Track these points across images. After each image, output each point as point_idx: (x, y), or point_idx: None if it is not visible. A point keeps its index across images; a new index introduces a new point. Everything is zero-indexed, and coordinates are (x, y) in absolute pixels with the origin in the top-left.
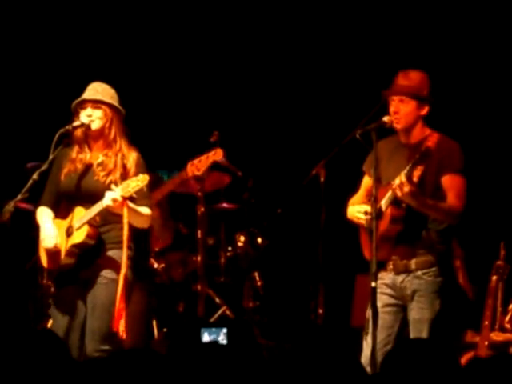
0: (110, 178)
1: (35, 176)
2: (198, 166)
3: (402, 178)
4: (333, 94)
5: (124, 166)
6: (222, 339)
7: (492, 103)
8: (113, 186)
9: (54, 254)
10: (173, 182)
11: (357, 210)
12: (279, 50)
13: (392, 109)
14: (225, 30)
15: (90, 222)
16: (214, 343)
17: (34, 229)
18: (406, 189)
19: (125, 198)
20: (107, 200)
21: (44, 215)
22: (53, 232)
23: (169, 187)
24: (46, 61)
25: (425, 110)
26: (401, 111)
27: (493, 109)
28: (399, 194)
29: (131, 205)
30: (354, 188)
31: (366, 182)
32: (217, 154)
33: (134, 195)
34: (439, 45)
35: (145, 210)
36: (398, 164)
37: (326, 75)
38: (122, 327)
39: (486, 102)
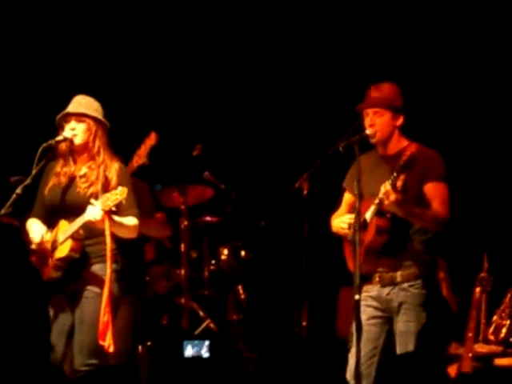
0: (92, 189)
1: (19, 190)
2: (140, 155)
3: (386, 186)
4: (315, 108)
5: (105, 177)
6: (205, 352)
7: (471, 114)
8: (92, 201)
9: (43, 259)
10: None
11: (341, 220)
12: (261, 63)
13: (367, 122)
14: (208, 45)
15: (73, 236)
16: (197, 358)
17: (21, 243)
18: (393, 197)
19: (105, 212)
20: (87, 215)
21: (33, 222)
22: (41, 230)
23: None
24: (29, 74)
25: (400, 121)
26: (376, 123)
27: (473, 121)
28: (386, 202)
29: (114, 217)
30: (337, 201)
31: (347, 198)
32: (151, 138)
33: (114, 208)
34: (411, 58)
35: (130, 221)
36: (380, 177)
37: (309, 88)
38: (108, 340)
39: (465, 113)
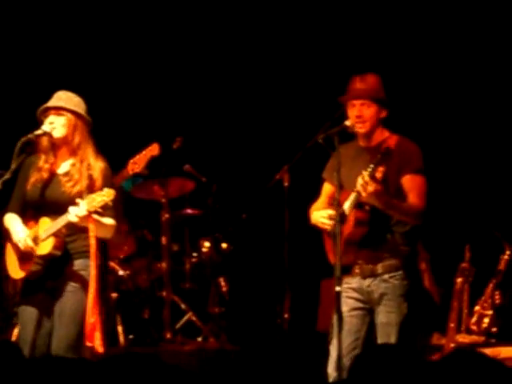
0: (77, 188)
1: None
2: (137, 163)
3: (365, 177)
4: (295, 100)
5: (90, 177)
6: None
7: (453, 107)
8: (78, 200)
9: (27, 256)
10: (115, 181)
11: (321, 214)
12: (241, 57)
13: (355, 113)
14: (188, 39)
15: (55, 234)
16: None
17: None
18: (371, 188)
19: (90, 213)
20: (72, 216)
21: (13, 219)
22: (25, 233)
23: None
24: (11, 69)
25: (384, 113)
26: (364, 115)
27: (455, 113)
28: (364, 194)
29: (96, 217)
30: (318, 192)
31: (327, 188)
32: (153, 149)
33: (99, 210)
34: (388, 51)
35: (109, 221)
36: (360, 168)
37: (289, 81)
38: (97, 340)
39: (446, 107)
